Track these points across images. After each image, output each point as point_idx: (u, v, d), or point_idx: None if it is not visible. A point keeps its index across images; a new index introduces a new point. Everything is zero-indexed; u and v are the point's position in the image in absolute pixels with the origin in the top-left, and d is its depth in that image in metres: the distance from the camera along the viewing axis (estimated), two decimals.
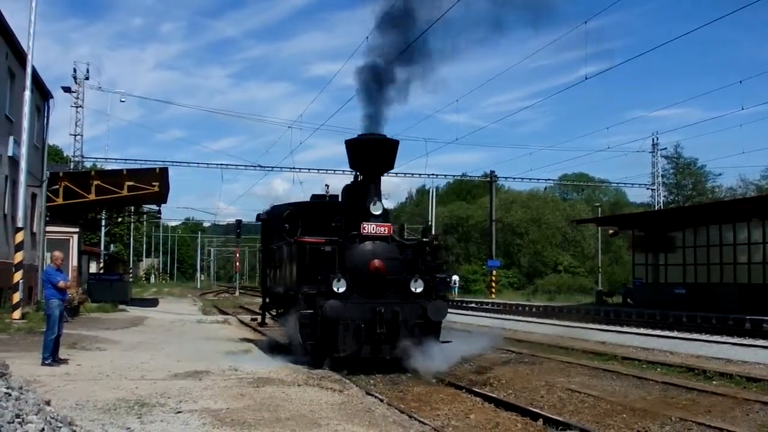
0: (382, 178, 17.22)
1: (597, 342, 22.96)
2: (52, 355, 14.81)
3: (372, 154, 17.15)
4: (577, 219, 73.94)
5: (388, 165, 17.54)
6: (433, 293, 16.77)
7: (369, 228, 16.39)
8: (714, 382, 15.03)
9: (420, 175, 70.69)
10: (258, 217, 23.65)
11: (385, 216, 17.05)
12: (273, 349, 19.59)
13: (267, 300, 22.43)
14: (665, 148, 71.90)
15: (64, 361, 15.02)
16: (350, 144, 17.51)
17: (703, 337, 23.83)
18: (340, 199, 19.38)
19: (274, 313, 21.90)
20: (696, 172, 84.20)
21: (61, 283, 15.33)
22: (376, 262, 16.13)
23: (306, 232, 18.00)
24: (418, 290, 16.45)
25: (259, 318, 24.37)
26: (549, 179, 79.61)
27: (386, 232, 16.61)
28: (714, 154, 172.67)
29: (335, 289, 15.82)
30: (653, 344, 21.95)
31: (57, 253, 15.99)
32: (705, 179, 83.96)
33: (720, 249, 41.14)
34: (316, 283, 16.32)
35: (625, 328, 27.97)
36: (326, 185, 20.93)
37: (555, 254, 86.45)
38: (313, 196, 21.14)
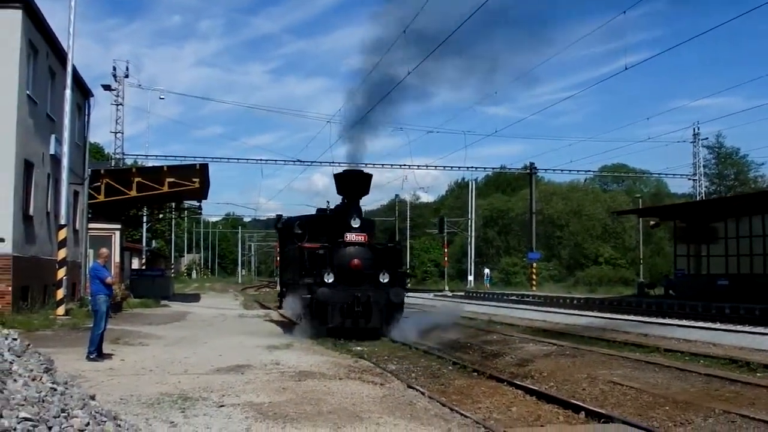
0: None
1: (639, 334, 22.77)
2: (96, 350, 15.00)
3: (352, 183, 23.92)
4: (618, 210, 73.44)
5: (364, 191, 24.24)
6: (396, 283, 23.08)
7: (350, 237, 22.79)
8: (758, 374, 14.85)
9: (459, 167, 71.02)
10: (275, 226, 31.71)
11: (362, 227, 23.15)
12: (314, 342, 19.84)
13: (284, 289, 29.32)
14: (707, 138, 71.23)
15: (108, 356, 15.18)
16: (336, 176, 24.39)
17: (747, 328, 23.56)
18: None
19: (288, 300, 27.01)
20: (738, 162, 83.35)
21: (109, 279, 15.56)
22: (355, 261, 22.46)
23: (312, 239, 24.09)
24: (385, 281, 22.73)
25: (279, 302, 31.05)
26: (589, 171, 79.15)
27: (363, 240, 22.97)
28: (756, 143, 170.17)
29: (326, 280, 22.00)
30: (696, 336, 21.73)
31: (104, 250, 16.36)
32: (747, 169, 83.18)
33: (763, 239, 40.66)
34: (312, 276, 22.40)
35: (667, 320, 27.73)
36: (327, 202, 27.36)
37: (596, 246, 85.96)
38: (318, 210, 27.63)
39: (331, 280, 22.03)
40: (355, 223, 22.91)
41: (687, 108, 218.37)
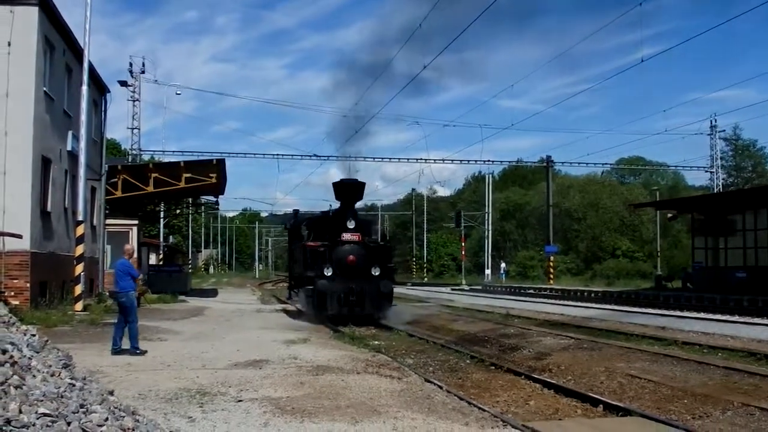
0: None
1: (657, 327, 22.72)
2: (118, 344, 15.15)
3: (348, 191, 27.37)
4: (635, 203, 73.06)
5: (358, 197, 28.22)
6: (386, 276, 26.28)
7: (346, 236, 26.11)
8: None
9: (476, 161, 71.05)
10: (285, 226, 37.02)
11: (357, 228, 26.47)
12: (332, 337, 19.88)
13: (292, 282, 33.84)
14: (724, 130, 70.85)
15: (126, 352, 15.23)
16: (334, 185, 27.74)
17: (765, 321, 23.46)
18: None
19: (296, 291, 31.33)
20: (755, 154, 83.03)
21: (140, 276, 16.03)
22: (351, 257, 25.72)
23: (316, 237, 27.76)
24: (376, 274, 25.86)
25: (288, 294, 35.37)
26: (606, 163, 78.95)
27: (357, 239, 26.23)
28: None
29: (326, 274, 25.38)
30: (714, 329, 21.64)
31: (128, 246, 17.39)
32: (765, 161, 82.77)
33: None
34: (314, 270, 25.73)
35: (685, 313, 27.64)
36: (330, 205, 31.55)
37: (613, 239, 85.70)
38: (322, 213, 32.23)
39: (330, 274, 25.44)
40: (351, 225, 26.36)
41: (704, 100, 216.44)
